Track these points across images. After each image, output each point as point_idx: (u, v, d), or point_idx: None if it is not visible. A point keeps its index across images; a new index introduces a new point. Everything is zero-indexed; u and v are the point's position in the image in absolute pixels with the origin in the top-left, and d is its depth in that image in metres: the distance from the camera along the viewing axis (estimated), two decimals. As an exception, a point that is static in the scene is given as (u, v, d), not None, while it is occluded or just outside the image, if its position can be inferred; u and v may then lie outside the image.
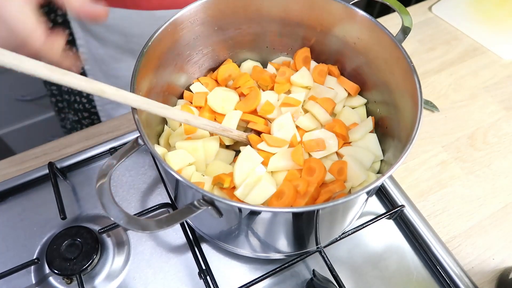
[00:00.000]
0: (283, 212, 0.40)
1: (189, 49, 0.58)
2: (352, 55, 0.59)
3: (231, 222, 0.46)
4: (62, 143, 0.73)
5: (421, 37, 0.93)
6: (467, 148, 0.74)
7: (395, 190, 0.65)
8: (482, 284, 0.60)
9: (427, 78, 0.85)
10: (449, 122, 0.78)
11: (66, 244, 0.57)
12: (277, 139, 0.54)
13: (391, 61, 0.52)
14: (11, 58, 0.33)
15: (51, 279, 0.58)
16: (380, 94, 0.57)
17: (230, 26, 0.59)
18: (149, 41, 0.49)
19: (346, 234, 0.59)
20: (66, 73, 0.36)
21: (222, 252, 0.61)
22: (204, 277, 0.55)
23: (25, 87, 1.40)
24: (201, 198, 0.40)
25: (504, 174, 0.71)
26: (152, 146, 0.41)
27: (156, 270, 0.59)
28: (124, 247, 0.61)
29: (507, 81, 0.85)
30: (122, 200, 0.65)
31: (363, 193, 0.39)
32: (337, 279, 0.55)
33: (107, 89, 0.40)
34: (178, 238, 0.62)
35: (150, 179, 0.68)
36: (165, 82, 0.57)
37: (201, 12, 0.54)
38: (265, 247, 0.52)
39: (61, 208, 0.60)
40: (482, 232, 0.65)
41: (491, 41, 0.91)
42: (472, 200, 0.68)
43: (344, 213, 0.50)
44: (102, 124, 0.76)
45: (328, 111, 0.57)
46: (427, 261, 0.60)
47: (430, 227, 0.62)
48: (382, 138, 0.57)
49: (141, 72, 0.47)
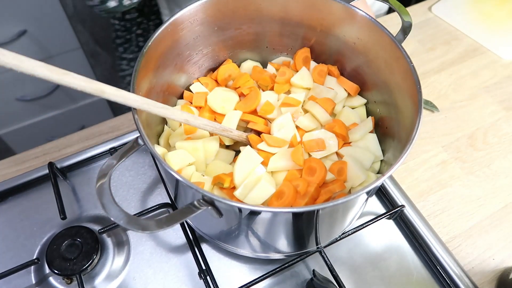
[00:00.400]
0: (283, 212, 0.40)
1: (189, 49, 0.58)
2: (352, 55, 0.59)
3: (231, 222, 0.46)
4: (62, 143, 0.73)
5: (421, 37, 0.93)
6: (467, 148, 0.74)
7: (395, 190, 0.65)
8: (482, 284, 0.60)
9: (427, 78, 0.85)
10: (449, 122, 0.78)
11: (66, 244, 0.57)
12: (277, 139, 0.54)
13: (391, 61, 0.52)
14: (11, 58, 0.33)
15: (51, 279, 0.58)
16: (380, 94, 0.57)
17: (230, 26, 0.59)
18: (149, 41, 0.49)
19: (346, 234, 0.59)
20: (66, 73, 0.36)
21: (222, 252, 0.61)
22: (204, 277, 0.55)
23: (25, 87, 1.41)
24: (201, 198, 0.40)
25: (504, 174, 0.71)
26: (152, 146, 0.41)
27: (156, 270, 0.59)
28: (124, 247, 0.61)
29: (507, 81, 0.85)
30: (122, 200, 0.65)
31: (363, 193, 0.39)
32: (337, 279, 0.55)
33: (107, 89, 0.40)
34: (178, 238, 0.62)
35: (150, 179, 0.68)
36: (165, 82, 0.57)
37: (201, 12, 0.54)
38: (265, 247, 0.52)
39: (61, 208, 0.60)
40: (482, 232, 0.65)
41: (491, 41, 0.91)
42: (472, 200, 0.68)
43: (344, 213, 0.50)
44: (102, 124, 0.76)
45: (328, 111, 0.57)
46: (427, 261, 0.60)
47: (430, 227, 0.62)
48: (382, 138, 0.57)
49: (141, 72, 0.47)
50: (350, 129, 0.57)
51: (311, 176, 0.51)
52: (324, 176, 0.51)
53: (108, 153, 0.69)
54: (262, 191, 0.48)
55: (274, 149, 0.53)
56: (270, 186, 0.48)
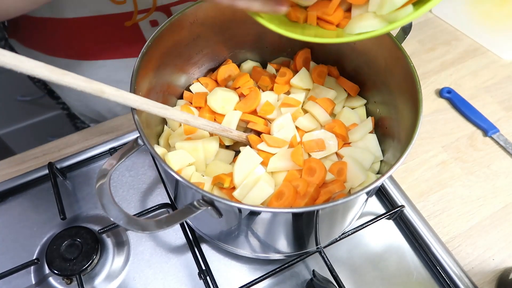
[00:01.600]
0: (282, 212, 0.40)
1: (189, 49, 0.58)
2: (351, 55, 0.59)
3: (231, 223, 0.46)
4: (62, 143, 0.73)
5: (421, 37, 0.93)
6: (467, 148, 0.74)
7: (395, 190, 0.65)
8: (482, 284, 0.60)
9: (427, 78, 0.85)
10: (449, 122, 0.78)
11: (66, 244, 0.57)
12: (277, 139, 0.54)
13: (391, 61, 0.52)
14: (11, 58, 0.33)
15: (51, 279, 0.58)
16: (380, 94, 0.57)
17: (230, 26, 0.59)
18: (149, 41, 0.49)
19: (346, 235, 0.59)
20: (66, 73, 0.36)
21: (222, 252, 0.61)
22: (204, 277, 0.55)
23: (25, 87, 1.40)
24: (201, 199, 0.40)
25: (504, 174, 0.71)
26: (151, 147, 0.41)
27: (156, 270, 0.59)
28: (124, 247, 0.61)
29: (507, 81, 0.85)
30: (122, 200, 0.65)
31: (362, 193, 0.39)
32: (337, 280, 0.55)
33: (107, 89, 0.40)
34: (178, 238, 0.62)
35: (150, 179, 0.68)
36: (165, 82, 0.57)
37: (201, 12, 0.54)
38: (265, 247, 0.52)
39: (61, 208, 0.60)
40: (482, 232, 0.65)
41: (491, 41, 0.91)
42: (472, 200, 0.68)
43: (344, 214, 0.50)
44: (102, 124, 0.76)
45: (328, 112, 0.57)
46: (427, 261, 0.60)
47: (430, 227, 0.62)
48: (382, 139, 0.57)
49: (141, 72, 0.47)
50: (350, 129, 0.57)
51: (311, 177, 0.51)
52: (324, 176, 0.51)
53: (108, 153, 0.69)
54: (261, 192, 0.48)
55: (274, 149, 0.53)
56: (268, 186, 0.48)
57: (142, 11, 0.64)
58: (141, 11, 0.64)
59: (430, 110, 0.80)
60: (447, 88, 0.81)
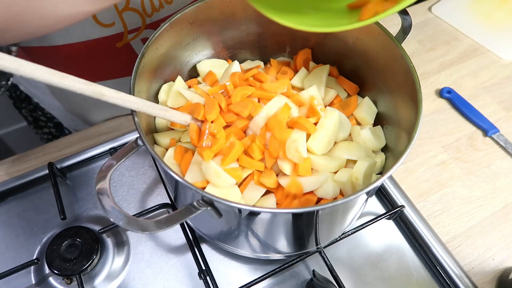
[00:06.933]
0: (282, 212, 0.40)
1: (188, 50, 0.58)
2: (351, 55, 0.59)
3: (230, 223, 0.46)
4: (62, 143, 0.73)
5: (421, 38, 0.93)
6: (467, 148, 0.74)
7: (395, 190, 0.65)
8: (482, 284, 0.60)
9: (427, 78, 0.85)
10: (449, 122, 0.78)
11: (66, 244, 0.57)
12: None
13: (391, 61, 0.52)
14: (10, 61, 0.33)
15: (51, 279, 0.58)
16: (379, 94, 0.57)
17: (230, 26, 0.59)
18: (149, 42, 0.49)
19: (346, 235, 0.59)
20: (65, 76, 0.36)
21: (222, 252, 0.61)
22: (204, 277, 0.55)
23: (25, 87, 1.40)
24: (201, 199, 0.40)
25: (504, 174, 0.71)
26: (151, 147, 0.41)
27: (156, 270, 0.59)
28: (124, 247, 0.61)
29: (507, 81, 0.85)
30: (121, 201, 0.65)
31: (363, 193, 0.39)
32: (337, 280, 0.55)
33: (107, 92, 0.40)
34: (178, 238, 0.62)
35: (150, 179, 0.68)
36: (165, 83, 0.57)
37: (201, 13, 0.54)
38: (265, 247, 0.52)
39: (61, 208, 0.60)
40: (482, 232, 0.65)
41: (491, 42, 0.91)
42: (472, 200, 0.68)
43: (344, 214, 0.50)
44: (102, 124, 0.76)
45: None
46: (427, 261, 0.60)
47: (430, 227, 0.62)
48: (382, 139, 0.56)
49: (140, 73, 0.47)
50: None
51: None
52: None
53: (108, 153, 0.69)
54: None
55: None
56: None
57: (132, 30, 0.64)
58: (131, 30, 0.64)
59: (430, 110, 0.80)
60: (447, 88, 0.81)
